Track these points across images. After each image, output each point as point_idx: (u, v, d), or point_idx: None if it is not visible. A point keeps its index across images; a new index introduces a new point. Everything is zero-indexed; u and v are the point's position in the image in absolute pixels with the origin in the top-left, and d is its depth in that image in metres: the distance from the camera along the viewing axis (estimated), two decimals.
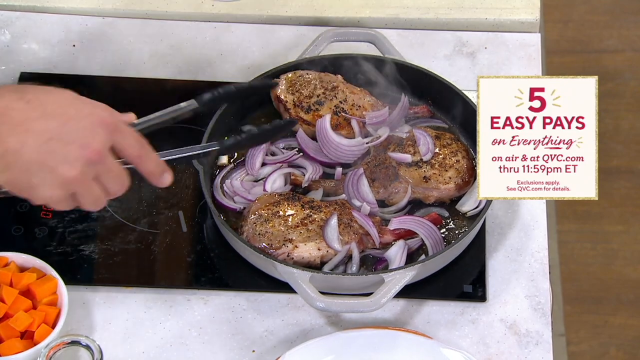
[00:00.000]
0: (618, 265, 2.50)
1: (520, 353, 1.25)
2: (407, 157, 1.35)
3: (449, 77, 1.43)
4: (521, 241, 1.35)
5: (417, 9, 1.57)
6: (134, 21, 1.58)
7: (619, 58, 2.87)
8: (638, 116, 2.76)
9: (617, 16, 2.98)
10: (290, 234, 1.28)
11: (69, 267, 1.31)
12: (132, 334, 1.26)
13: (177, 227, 1.35)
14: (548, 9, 2.97)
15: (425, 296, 1.29)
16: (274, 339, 1.26)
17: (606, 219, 2.58)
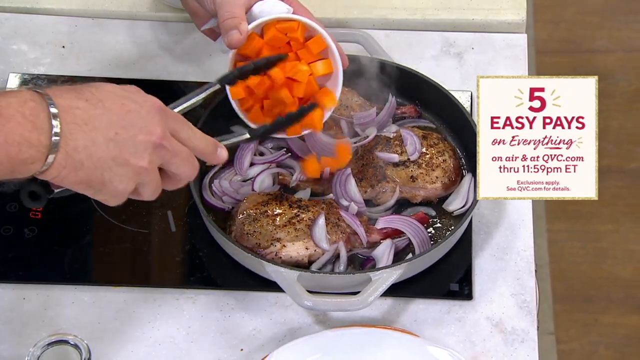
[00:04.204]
0: (608, 264, 2.51)
1: (506, 351, 1.26)
2: (394, 157, 1.36)
3: (436, 78, 1.44)
4: (507, 240, 1.35)
5: (404, 10, 1.58)
6: (123, 22, 1.59)
7: (609, 58, 2.89)
8: (628, 116, 2.77)
9: (608, 17, 2.99)
10: (278, 233, 1.29)
11: (58, 266, 1.32)
12: (121, 333, 1.27)
13: (166, 227, 1.36)
14: (539, 9, 2.98)
15: (412, 295, 1.30)
16: (262, 338, 1.27)
17: (596, 218, 2.59)
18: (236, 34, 1.25)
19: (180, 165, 1.05)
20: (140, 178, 1.02)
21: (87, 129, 0.98)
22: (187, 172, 1.06)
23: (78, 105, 0.98)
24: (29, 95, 0.96)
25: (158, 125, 1.02)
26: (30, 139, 0.94)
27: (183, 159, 1.05)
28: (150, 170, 1.02)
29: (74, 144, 0.97)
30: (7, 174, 0.95)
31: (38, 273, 1.32)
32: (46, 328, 1.27)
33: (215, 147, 1.10)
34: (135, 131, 1.00)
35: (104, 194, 1.02)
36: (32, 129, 0.94)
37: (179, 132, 1.05)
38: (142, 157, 1.01)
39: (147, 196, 1.05)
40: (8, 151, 0.93)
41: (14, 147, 0.93)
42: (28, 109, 0.95)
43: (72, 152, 0.97)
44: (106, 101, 1.00)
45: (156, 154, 1.02)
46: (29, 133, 0.94)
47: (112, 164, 1.00)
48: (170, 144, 1.03)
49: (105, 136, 0.99)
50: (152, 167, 1.02)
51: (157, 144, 1.02)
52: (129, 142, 1.00)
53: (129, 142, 1.00)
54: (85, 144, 0.97)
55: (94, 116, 0.98)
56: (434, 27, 1.58)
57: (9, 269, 1.32)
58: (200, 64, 1.55)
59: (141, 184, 1.03)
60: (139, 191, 1.04)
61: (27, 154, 0.94)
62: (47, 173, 0.97)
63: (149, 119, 1.02)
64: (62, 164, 0.97)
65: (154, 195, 1.05)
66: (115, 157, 0.99)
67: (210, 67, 1.54)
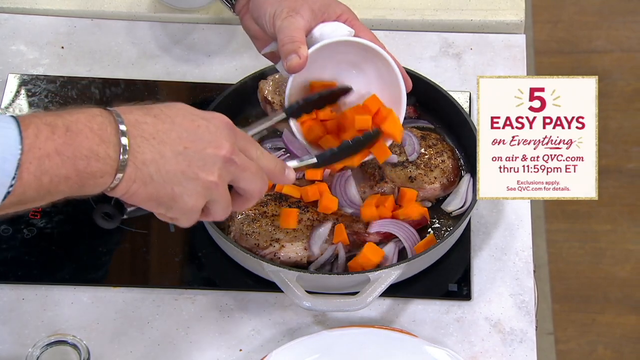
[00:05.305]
0: (606, 264, 2.52)
1: (504, 351, 1.26)
2: (393, 158, 1.36)
3: (434, 78, 1.44)
4: (506, 240, 1.36)
5: (403, 11, 1.58)
6: (122, 23, 1.59)
7: (607, 58, 2.89)
8: (626, 116, 2.77)
9: (606, 17, 2.99)
10: (277, 233, 1.29)
11: (57, 267, 1.32)
12: (120, 334, 1.27)
13: (165, 227, 1.36)
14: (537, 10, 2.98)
15: (410, 295, 1.30)
16: (261, 338, 1.27)
17: (595, 218, 2.59)
18: (295, 58, 1.22)
19: (250, 179, 1.04)
20: (210, 194, 1.01)
21: (155, 143, 0.97)
22: (258, 187, 1.05)
23: (146, 120, 0.97)
24: (97, 111, 0.96)
25: (227, 140, 1.01)
26: (99, 152, 0.94)
27: (253, 173, 1.03)
28: (220, 185, 1.01)
29: (142, 157, 0.96)
30: (76, 190, 0.95)
31: (37, 273, 1.32)
32: (45, 328, 1.27)
33: (283, 168, 1.08)
34: (204, 145, 0.99)
35: (174, 211, 1.01)
36: (100, 143, 0.94)
37: (248, 150, 1.04)
38: (211, 171, 1.00)
39: (218, 215, 1.04)
40: (76, 164, 0.93)
41: (83, 161, 0.93)
42: (96, 123, 0.94)
43: (140, 166, 0.96)
44: (175, 117, 0.99)
45: (225, 168, 1.01)
46: (97, 146, 0.94)
47: (181, 178, 0.98)
48: (239, 158, 1.02)
49: (173, 150, 0.98)
50: (222, 182, 1.01)
51: (226, 158, 1.00)
52: (198, 156, 0.99)
53: (198, 156, 0.99)
54: (154, 157, 0.97)
55: (162, 130, 0.98)
56: (432, 28, 1.58)
57: (8, 269, 1.32)
58: (199, 64, 1.55)
59: (211, 201, 1.02)
60: (210, 209, 1.03)
61: (96, 167, 0.94)
62: (117, 189, 0.96)
63: (217, 134, 1.00)
64: (132, 178, 0.96)
65: (224, 214, 1.04)
66: (184, 171, 0.98)
67: (209, 68, 1.54)
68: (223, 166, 1.00)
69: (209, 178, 1.00)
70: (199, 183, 0.99)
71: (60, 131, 0.92)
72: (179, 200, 0.99)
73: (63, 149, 0.92)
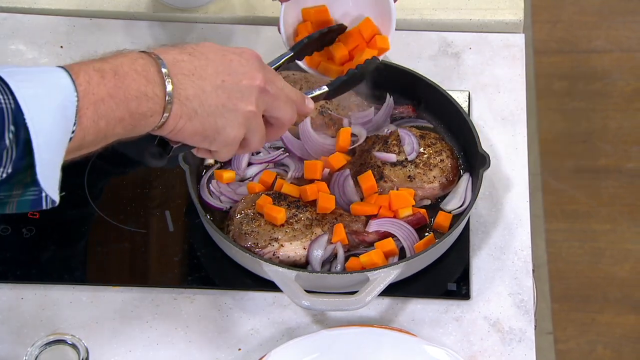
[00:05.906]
0: (605, 263, 2.52)
1: (503, 350, 1.26)
2: (391, 157, 1.36)
3: (433, 78, 1.44)
4: (505, 239, 1.36)
5: (402, 10, 1.58)
6: (121, 22, 1.59)
7: (607, 58, 2.89)
8: (626, 116, 2.77)
9: (606, 17, 2.99)
10: (276, 233, 1.29)
11: (56, 266, 1.32)
12: (119, 333, 1.27)
13: (164, 227, 1.36)
14: (537, 10, 2.98)
15: (409, 294, 1.30)
16: (260, 337, 1.27)
17: (594, 218, 2.59)
18: None
19: (282, 108, 1.09)
20: (249, 123, 1.06)
21: (195, 79, 1.01)
22: (289, 115, 1.10)
23: (183, 59, 1.02)
24: (137, 54, 1.00)
25: (259, 72, 1.06)
26: (147, 92, 0.97)
27: (284, 101, 1.09)
28: (257, 114, 1.06)
29: (185, 93, 1.00)
30: (129, 131, 0.98)
31: (36, 273, 1.32)
32: (44, 328, 1.27)
33: (303, 97, 1.14)
34: (239, 77, 1.04)
35: (217, 144, 1.05)
36: (146, 83, 0.98)
37: (275, 82, 1.09)
38: (249, 101, 1.04)
39: (254, 145, 1.08)
40: (129, 106, 0.96)
41: (134, 102, 0.97)
42: (139, 65, 0.98)
43: (185, 101, 1.00)
44: (208, 54, 1.04)
45: (261, 98, 1.06)
46: (144, 87, 0.97)
47: (223, 110, 1.03)
48: (272, 88, 1.07)
49: (213, 84, 1.02)
50: (259, 111, 1.06)
51: (261, 87, 1.05)
52: (236, 88, 1.04)
53: (235, 88, 1.04)
54: (196, 92, 1.01)
55: (199, 67, 1.02)
56: (431, 27, 1.58)
57: (7, 268, 1.32)
58: None
59: (250, 130, 1.06)
60: (248, 140, 1.08)
61: (146, 106, 0.97)
62: (165, 126, 1.00)
63: (249, 66, 1.05)
64: (178, 114, 1.00)
65: (260, 143, 1.09)
66: (224, 104, 1.03)
67: None
68: (259, 96, 1.05)
69: (247, 108, 1.04)
70: (239, 114, 1.04)
71: (109, 75, 0.96)
72: (222, 132, 1.04)
73: (115, 92, 0.95)
